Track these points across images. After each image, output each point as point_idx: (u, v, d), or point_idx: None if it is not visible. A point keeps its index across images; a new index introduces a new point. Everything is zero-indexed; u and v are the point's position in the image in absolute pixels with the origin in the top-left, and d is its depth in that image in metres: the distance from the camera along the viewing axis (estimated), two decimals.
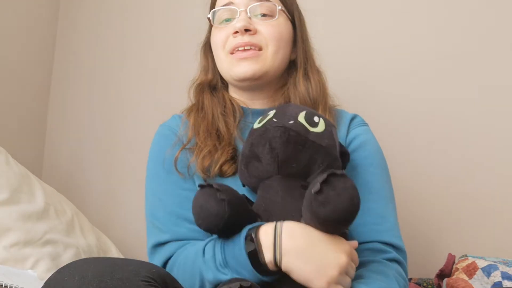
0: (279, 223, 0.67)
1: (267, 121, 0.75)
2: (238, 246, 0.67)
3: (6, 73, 1.62)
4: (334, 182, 0.63)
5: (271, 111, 0.78)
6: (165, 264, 0.79)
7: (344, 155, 0.80)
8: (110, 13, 1.80)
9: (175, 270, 0.76)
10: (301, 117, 0.74)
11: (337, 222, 0.63)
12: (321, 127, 0.75)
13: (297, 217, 0.69)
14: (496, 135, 1.30)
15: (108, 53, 1.77)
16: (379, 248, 0.80)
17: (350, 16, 1.48)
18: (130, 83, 1.73)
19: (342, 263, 0.66)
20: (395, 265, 0.79)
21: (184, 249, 0.78)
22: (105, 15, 1.80)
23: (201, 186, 0.69)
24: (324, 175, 0.63)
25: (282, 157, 0.71)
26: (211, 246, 0.72)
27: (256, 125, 0.77)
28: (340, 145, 0.80)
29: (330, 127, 0.77)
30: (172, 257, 0.78)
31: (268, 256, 0.65)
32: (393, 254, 0.80)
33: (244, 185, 0.81)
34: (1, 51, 1.60)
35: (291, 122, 0.73)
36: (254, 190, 0.78)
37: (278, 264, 0.65)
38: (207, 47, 1.00)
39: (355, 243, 0.72)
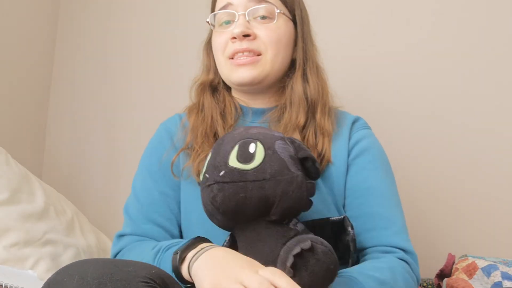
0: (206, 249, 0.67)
1: (202, 178, 0.71)
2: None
3: (6, 73, 1.62)
4: (304, 263, 0.59)
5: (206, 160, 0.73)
6: (118, 253, 0.85)
7: (306, 161, 0.72)
8: (110, 13, 1.79)
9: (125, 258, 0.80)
10: (233, 159, 0.67)
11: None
12: (259, 156, 0.67)
13: (272, 261, 0.64)
14: (496, 135, 1.30)
15: (109, 53, 1.77)
16: (387, 250, 0.80)
17: (353, 15, 1.48)
18: (130, 83, 1.73)
19: (241, 278, 0.59)
20: (403, 263, 0.78)
21: (139, 243, 0.84)
22: (105, 15, 1.80)
23: None
24: (291, 258, 0.59)
25: (230, 212, 0.68)
26: (158, 248, 0.77)
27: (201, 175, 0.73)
28: (296, 150, 0.72)
29: (272, 144, 0.69)
30: (125, 248, 0.84)
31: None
32: (401, 254, 0.79)
33: None
34: (1, 51, 1.60)
35: (222, 173, 0.67)
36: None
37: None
38: (209, 46, 1.00)
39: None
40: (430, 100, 1.37)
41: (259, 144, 0.69)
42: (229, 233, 0.75)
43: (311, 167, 0.72)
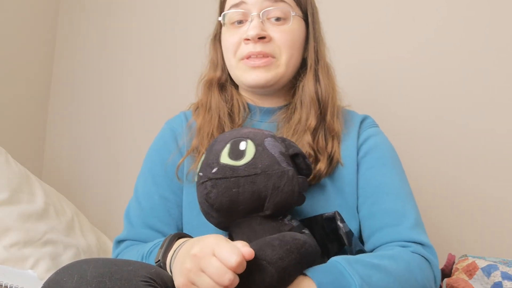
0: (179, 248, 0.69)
1: (197, 177, 0.73)
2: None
3: (6, 73, 1.62)
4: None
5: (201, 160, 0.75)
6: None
7: (297, 157, 0.74)
8: (110, 13, 1.79)
9: None
10: (224, 156, 0.70)
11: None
12: (250, 153, 0.70)
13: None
14: (496, 135, 1.30)
15: (109, 53, 1.77)
16: (400, 245, 0.78)
17: (359, 13, 1.48)
18: (130, 83, 1.73)
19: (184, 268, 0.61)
20: (416, 256, 0.75)
21: (131, 248, 0.85)
22: (105, 15, 1.80)
23: None
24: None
25: (224, 208, 0.69)
26: (141, 254, 0.79)
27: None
28: (287, 147, 0.74)
29: (262, 142, 0.72)
30: (120, 254, 0.85)
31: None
32: (415, 247, 0.76)
33: None
34: (1, 51, 1.60)
35: (214, 170, 0.69)
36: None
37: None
38: (216, 41, 0.97)
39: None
40: (435, 99, 1.36)
41: (249, 141, 0.71)
42: (227, 233, 0.76)
43: (301, 163, 0.74)
